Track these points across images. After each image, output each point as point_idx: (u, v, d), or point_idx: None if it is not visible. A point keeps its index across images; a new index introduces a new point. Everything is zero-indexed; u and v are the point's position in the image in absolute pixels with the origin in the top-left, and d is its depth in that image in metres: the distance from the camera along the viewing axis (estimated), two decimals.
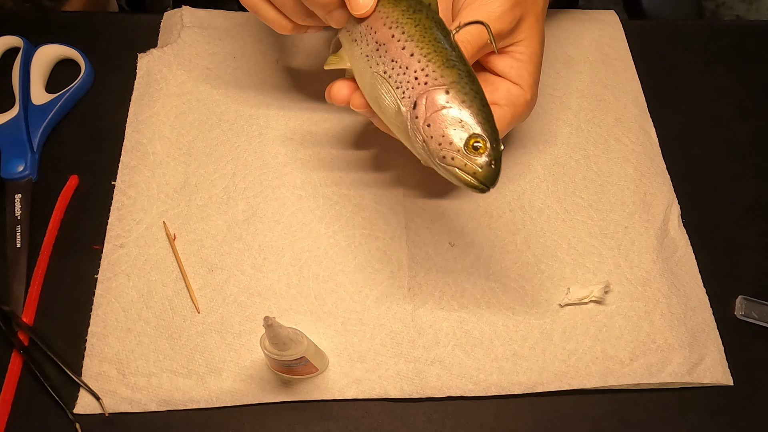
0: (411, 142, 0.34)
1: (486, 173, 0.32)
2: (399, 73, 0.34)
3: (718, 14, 1.38)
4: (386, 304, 0.46)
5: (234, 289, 0.46)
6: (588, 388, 0.44)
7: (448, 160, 0.32)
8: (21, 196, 0.49)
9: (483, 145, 0.32)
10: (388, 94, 0.34)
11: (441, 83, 0.33)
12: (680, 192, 0.52)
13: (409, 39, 0.34)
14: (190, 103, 0.53)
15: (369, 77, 0.35)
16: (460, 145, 0.32)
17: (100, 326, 0.44)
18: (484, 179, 0.32)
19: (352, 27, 0.37)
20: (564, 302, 0.46)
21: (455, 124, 0.32)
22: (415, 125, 0.33)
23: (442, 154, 0.32)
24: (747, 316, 0.47)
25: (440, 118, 0.32)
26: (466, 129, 0.32)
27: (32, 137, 0.51)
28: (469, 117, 0.32)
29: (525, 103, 0.41)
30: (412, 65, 0.33)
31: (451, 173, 0.33)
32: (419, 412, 0.43)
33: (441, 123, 0.32)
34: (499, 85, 0.41)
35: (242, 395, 0.43)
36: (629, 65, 0.58)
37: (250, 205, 0.49)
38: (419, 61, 0.33)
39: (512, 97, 0.41)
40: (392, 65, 0.34)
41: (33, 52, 0.54)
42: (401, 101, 0.33)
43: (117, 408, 0.42)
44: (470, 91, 0.33)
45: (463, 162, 0.32)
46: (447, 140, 0.32)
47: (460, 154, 0.32)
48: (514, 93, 0.41)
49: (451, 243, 0.48)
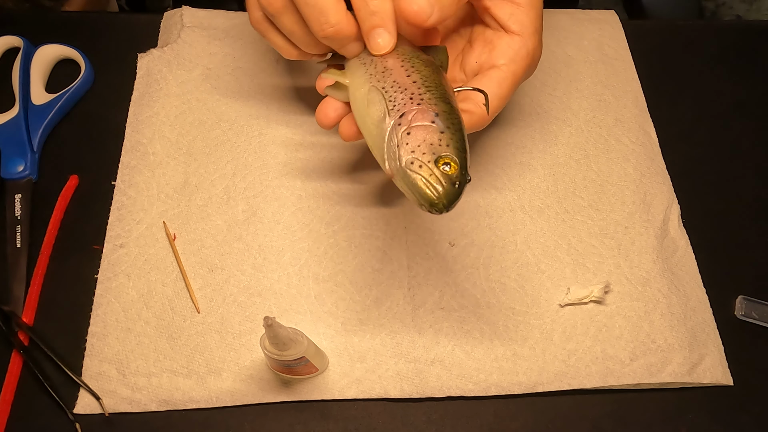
0: (382, 149, 0.34)
1: (448, 191, 0.32)
2: (396, 91, 0.35)
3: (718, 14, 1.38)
4: (386, 304, 0.46)
5: (234, 289, 0.46)
6: (588, 388, 0.44)
7: (415, 167, 0.32)
8: (21, 196, 0.49)
9: (452, 167, 0.32)
10: (380, 104, 0.34)
11: (430, 107, 0.34)
12: (680, 192, 0.52)
13: (415, 71, 0.35)
14: (190, 103, 0.53)
15: (365, 89, 0.36)
16: (431, 156, 0.32)
17: (100, 326, 0.44)
18: (444, 196, 0.32)
19: (368, 55, 0.38)
20: (564, 302, 0.46)
21: (435, 139, 0.33)
22: (395, 131, 0.33)
23: (411, 160, 0.32)
24: (747, 316, 0.47)
25: (423, 130, 0.33)
26: (443, 148, 0.32)
27: (32, 137, 0.51)
28: (449, 140, 0.33)
29: (527, 54, 0.40)
30: (410, 89, 0.35)
31: (412, 181, 0.32)
32: (419, 412, 0.43)
33: (422, 133, 0.33)
34: (497, 42, 0.40)
35: (242, 395, 0.43)
36: (629, 65, 0.58)
37: (250, 205, 0.49)
38: (419, 88, 0.35)
39: (512, 51, 0.39)
40: (393, 84, 0.35)
41: (33, 52, 0.54)
42: (390, 111, 0.34)
43: (117, 408, 0.42)
44: (456, 125, 0.34)
45: (429, 172, 0.32)
46: (422, 149, 0.32)
47: (429, 165, 0.32)
48: (514, 46, 0.39)
49: (451, 243, 0.48)
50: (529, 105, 0.55)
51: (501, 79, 0.39)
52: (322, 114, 0.40)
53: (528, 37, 0.40)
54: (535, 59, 0.41)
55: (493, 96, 0.39)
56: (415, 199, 0.32)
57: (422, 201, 0.32)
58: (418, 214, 0.49)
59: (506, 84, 0.39)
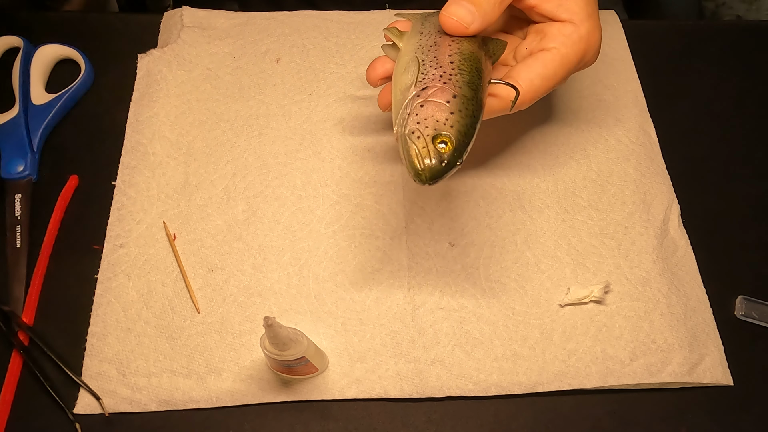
0: (398, 113, 0.36)
1: (434, 167, 0.34)
2: (432, 66, 0.37)
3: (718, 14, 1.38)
4: (386, 304, 0.46)
5: (234, 289, 0.46)
6: (588, 388, 0.44)
7: (413, 137, 0.34)
8: (21, 196, 0.49)
9: (447, 147, 0.34)
10: (413, 73, 0.37)
11: (454, 88, 0.36)
12: (680, 192, 0.52)
13: (458, 54, 0.37)
14: (190, 103, 0.53)
15: (409, 57, 0.38)
16: (431, 132, 0.34)
17: (100, 326, 0.44)
18: (429, 170, 0.34)
19: (429, 26, 0.40)
20: (564, 302, 0.46)
21: (442, 117, 0.35)
22: (412, 101, 0.36)
23: (413, 130, 0.35)
24: (747, 316, 0.47)
25: (435, 106, 0.35)
26: (446, 127, 0.35)
27: (32, 137, 0.51)
28: (455, 122, 0.35)
29: (579, 38, 0.39)
30: (445, 67, 0.37)
31: (407, 148, 0.35)
32: (419, 412, 0.43)
33: (433, 109, 0.35)
34: (548, 29, 0.40)
35: (242, 395, 0.43)
36: (629, 65, 0.58)
37: (250, 205, 0.49)
38: (453, 69, 0.36)
39: (563, 36, 0.39)
40: (432, 60, 0.37)
41: (33, 52, 0.54)
42: (417, 82, 0.36)
43: (117, 408, 0.42)
44: (469, 111, 0.35)
45: (423, 145, 0.34)
46: (426, 123, 0.35)
47: (426, 138, 0.34)
48: (565, 31, 0.39)
49: (451, 243, 0.48)
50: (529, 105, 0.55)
51: (548, 60, 0.39)
52: (372, 69, 0.41)
53: (581, 23, 0.39)
54: (592, 44, 0.40)
55: (537, 75, 0.39)
56: (406, 166, 0.35)
57: (409, 169, 0.34)
58: (418, 214, 0.49)
59: (552, 65, 0.39)
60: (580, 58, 0.40)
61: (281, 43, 0.57)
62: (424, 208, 0.49)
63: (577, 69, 0.42)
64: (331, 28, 0.58)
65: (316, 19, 0.58)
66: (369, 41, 0.57)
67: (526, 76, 0.39)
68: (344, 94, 0.55)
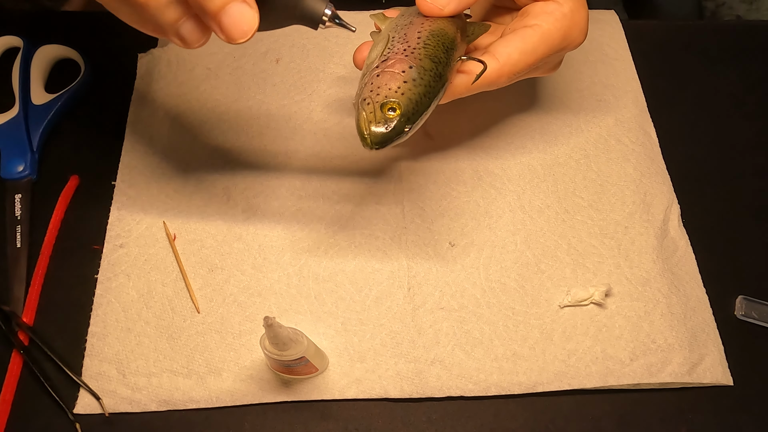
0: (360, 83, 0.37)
1: (378, 132, 0.34)
2: (400, 42, 0.37)
3: (718, 14, 1.38)
4: (386, 304, 0.46)
5: (234, 289, 0.46)
6: (588, 388, 0.44)
7: (364, 105, 0.35)
8: (21, 196, 0.49)
9: (395, 114, 0.35)
10: (379, 49, 0.38)
11: (413, 60, 0.36)
12: (680, 192, 0.52)
13: (427, 31, 0.37)
14: (190, 103, 0.53)
15: (383, 36, 0.39)
16: (381, 99, 0.35)
17: (100, 326, 0.44)
18: (374, 135, 0.34)
19: (411, 10, 0.40)
20: (563, 304, 0.46)
21: (394, 86, 0.35)
22: (371, 72, 0.36)
23: (365, 98, 0.35)
24: (747, 316, 0.47)
25: (390, 76, 0.35)
26: (396, 95, 0.35)
27: (32, 137, 0.51)
28: (407, 90, 0.35)
29: (562, 15, 0.38)
30: (411, 43, 0.37)
31: (357, 115, 0.35)
32: (419, 412, 0.43)
33: (387, 78, 0.35)
34: (531, 8, 0.39)
35: (242, 395, 0.43)
36: (629, 65, 0.58)
37: (250, 205, 0.49)
38: (418, 43, 0.37)
39: (544, 13, 0.38)
40: (402, 37, 0.38)
41: (33, 52, 0.54)
42: (381, 56, 0.37)
43: (117, 408, 0.42)
44: (425, 82, 0.36)
45: (371, 111, 0.35)
46: (378, 91, 0.35)
47: (376, 105, 0.35)
48: (547, 8, 0.38)
49: (451, 243, 0.48)
50: (529, 105, 0.55)
51: (527, 35, 0.38)
52: (358, 52, 0.41)
53: (564, 1, 0.39)
54: (576, 22, 0.39)
55: (515, 49, 0.38)
56: (357, 131, 0.35)
57: (358, 134, 0.35)
58: (418, 214, 0.49)
59: (533, 40, 0.38)
60: (563, 35, 0.39)
61: (281, 43, 0.57)
62: (424, 208, 0.49)
63: (562, 48, 0.41)
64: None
65: None
66: (369, 41, 0.57)
67: (504, 51, 0.38)
68: (344, 94, 0.55)
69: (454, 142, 0.52)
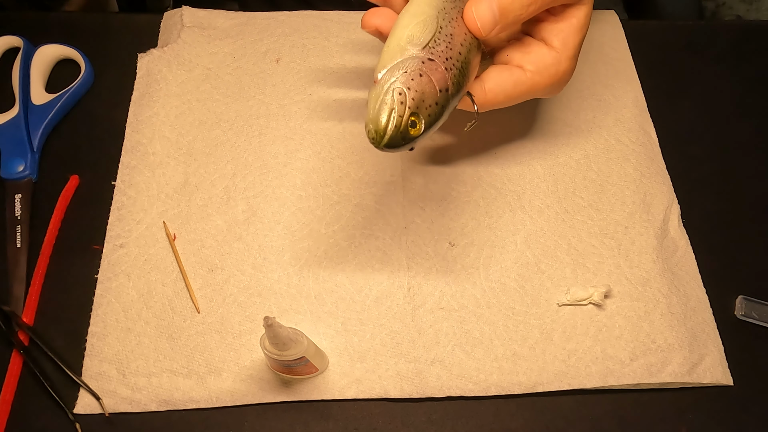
0: (391, 59, 0.35)
1: (395, 136, 0.34)
2: (445, 42, 0.36)
3: (718, 14, 1.38)
4: (386, 304, 0.46)
5: (234, 289, 0.46)
6: (588, 388, 0.44)
7: (395, 95, 0.34)
8: (21, 196, 0.49)
9: (416, 129, 0.35)
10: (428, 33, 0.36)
11: (449, 80, 0.36)
12: (680, 192, 0.52)
13: (467, 49, 0.37)
14: (190, 103, 0.53)
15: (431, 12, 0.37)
16: (414, 106, 0.34)
17: (100, 326, 0.44)
18: (389, 137, 0.34)
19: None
20: (562, 302, 0.46)
21: (429, 100, 0.35)
22: (414, 61, 0.35)
23: (400, 90, 0.34)
24: (747, 316, 0.47)
25: (429, 86, 0.35)
26: (426, 111, 0.35)
27: (32, 137, 0.51)
28: (433, 113, 0.35)
29: (556, 72, 0.40)
30: (453, 52, 0.36)
31: (382, 100, 0.34)
32: (419, 412, 0.43)
33: (426, 86, 0.35)
34: (534, 49, 0.40)
35: (242, 395, 0.43)
36: (629, 65, 0.58)
37: (250, 205, 0.49)
38: (457, 61, 0.37)
39: (543, 63, 0.39)
40: (448, 35, 0.37)
41: (33, 52, 0.54)
42: (427, 47, 0.35)
43: (117, 408, 0.42)
44: (443, 111, 0.36)
45: (401, 113, 0.34)
46: (413, 94, 0.34)
47: (406, 107, 0.34)
48: (547, 60, 0.39)
49: (451, 243, 0.48)
50: (529, 105, 0.55)
51: (518, 81, 0.39)
52: (373, 15, 0.40)
53: (565, 59, 0.40)
54: (563, 81, 0.41)
55: (502, 92, 0.40)
56: (370, 114, 0.34)
57: (372, 121, 0.34)
58: (418, 214, 0.49)
59: (521, 88, 0.39)
60: (548, 90, 0.41)
61: (281, 43, 0.57)
62: (424, 208, 0.49)
63: (540, 96, 0.42)
64: (331, 28, 0.58)
65: (316, 19, 0.58)
66: (369, 41, 0.57)
67: (493, 88, 0.40)
68: (344, 94, 0.55)
69: (454, 142, 0.52)
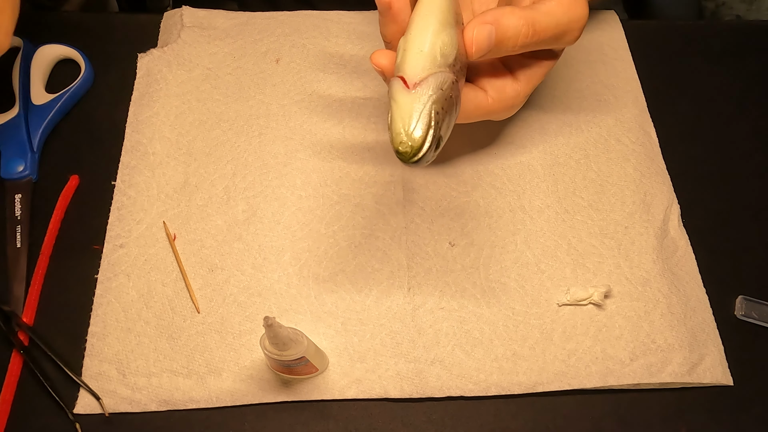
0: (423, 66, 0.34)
1: (426, 154, 0.33)
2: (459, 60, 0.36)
3: (718, 14, 1.38)
4: (386, 304, 0.46)
5: (234, 289, 0.46)
6: (588, 388, 0.44)
7: (425, 113, 0.33)
8: (21, 196, 0.49)
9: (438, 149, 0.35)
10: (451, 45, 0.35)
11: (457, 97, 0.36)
12: (680, 192, 0.52)
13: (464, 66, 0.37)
14: (190, 103, 0.53)
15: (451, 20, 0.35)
16: (443, 128, 0.34)
17: (100, 326, 0.44)
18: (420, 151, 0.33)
19: None
20: (561, 302, 0.46)
21: (451, 120, 0.35)
22: (448, 83, 0.34)
23: (434, 105, 0.33)
24: (747, 316, 0.47)
25: (454, 108, 0.35)
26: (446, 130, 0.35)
27: (32, 137, 0.51)
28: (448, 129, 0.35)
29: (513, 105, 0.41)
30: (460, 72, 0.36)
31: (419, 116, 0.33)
32: (419, 412, 0.43)
33: (451, 108, 0.35)
34: (499, 75, 0.40)
35: (242, 395, 0.43)
36: (629, 65, 0.58)
37: (250, 205, 0.49)
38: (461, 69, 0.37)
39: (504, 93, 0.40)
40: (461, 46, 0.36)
41: (33, 52, 0.54)
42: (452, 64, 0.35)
43: (117, 408, 0.42)
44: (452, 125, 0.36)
45: (429, 126, 0.33)
46: (443, 114, 0.34)
47: (437, 126, 0.33)
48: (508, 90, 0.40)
49: (451, 243, 0.48)
50: (529, 105, 0.55)
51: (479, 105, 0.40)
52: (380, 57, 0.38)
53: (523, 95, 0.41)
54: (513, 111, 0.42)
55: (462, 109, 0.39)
56: (403, 125, 0.33)
57: (407, 134, 0.33)
58: (418, 214, 0.49)
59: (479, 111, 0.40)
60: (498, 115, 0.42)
61: (281, 43, 0.57)
62: (424, 208, 0.49)
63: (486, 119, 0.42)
64: (331, 28, 0.58)
65: (316, 19, 0.58)
66: (369, 41, 0.57)
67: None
68: (344, 94, 0.55)
69: (455, 143, 0.52)
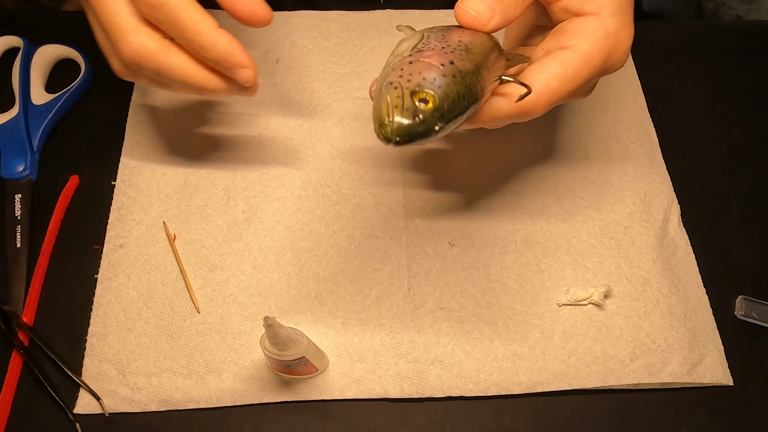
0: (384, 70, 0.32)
1: (403, 124, 0.29)
2: (436, 39, 0.32)
3: (718, 14, 1.38)
4: (386, 304, 0.46)
5: (234, 289, 0.46)
6: (588, 388, 0.44)
7: (390, 89, 0.29)
8: (21, 196, 0.49)
9: (428, 107, 0.29)
10: (411, 42, 0.32)
11: (455, 58, 0.31)
12: (680, 192, 0.52)
13: (468, 39, 0.33)
14: (190, 103, 0.53)
15: (417, 33, 0.34)
16: (412, 86, 0.29)
17: (100, 326, 0.44)
18: (395, 126, 0.29)
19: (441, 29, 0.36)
20: (561, 302, 0.46)
21: (430, 76, 0.30)
22: (401, 59, 0.31)
23: (391, 81, 0.30)
24: (747, 316, 0.47)
25: (425, 66, 0.30)
26: (431, 85, 0.29)
27: (32, 137, 0.51)
28: (444, 85, 0.30)
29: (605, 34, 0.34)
30: (450, 42, 0.32)
31: (378, 98, 0.30)
32: (419, 412, 0.43)
33: (422, 67, 0.30)
34: (569, 26, 0.35)
35: (242, 395, 0.43)
36: (629, 65, 0.58)
37: (250, 205, 0.49)
38: (459, 45, 0.32)
39: (585, 31, 0.34)
40: (438, 35, 0.33)
41: (33, 52, 0.54)
42: (414, 48, 0.32)
43: (117, 408, 0.42)
44: (466, 83, 0.30)
45: (398, 96, 0.29)
46: (409, 77, 0.29)
47: (405, 91, 0.29)
48: (588, 26, 0.34)
49: (451, 243, 0.48)
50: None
51: (567, 59, 0.34)
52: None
53: (608, 16, 0.34)
54: (620, 42, 0.35)
55: (553, 76, 0.34)
56: (373, 120, 0.29)
57: (376, 122, 0.29)
58: (418, 214, 0.49)
59: (573, 64, 0.34)
60: (605, 57, 0.35)
61: (281, 43, 0.57)
62: (424, 208, 0.49)
63: (604, 72, 0.36)
64: (331, 28, 0.58)
65: (316, 19, 0.58)
66: (369, 41, 0.57)
67: (541, 77, 0.34)
68: (344, 94, 0.55)
69: (455, 143, 0.52)
